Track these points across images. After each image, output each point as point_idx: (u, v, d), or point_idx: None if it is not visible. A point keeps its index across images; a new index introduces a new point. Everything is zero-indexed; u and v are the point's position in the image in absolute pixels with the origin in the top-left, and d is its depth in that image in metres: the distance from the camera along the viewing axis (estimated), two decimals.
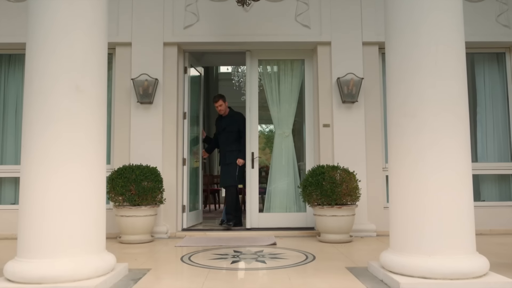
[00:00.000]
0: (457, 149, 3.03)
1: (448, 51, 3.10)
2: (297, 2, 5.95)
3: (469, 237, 3.00)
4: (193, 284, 3.14)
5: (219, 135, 6.41)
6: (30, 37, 3.11)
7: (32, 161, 2.93)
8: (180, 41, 5.89)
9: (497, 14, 6.01)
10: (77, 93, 3.01)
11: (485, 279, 2.88)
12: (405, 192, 3.09)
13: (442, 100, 3.04)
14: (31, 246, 2.86)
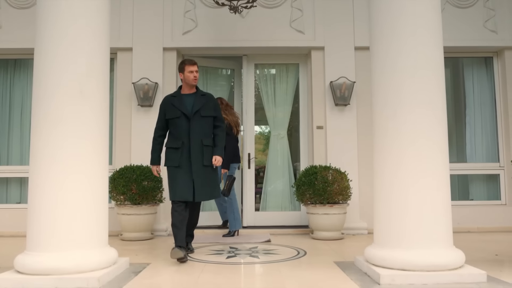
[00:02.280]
0: (435, 151, 3.25)
1: (428, 63, 3.34)
2: (292, 8, 6.18)
3: (446, 232, 3.22)
4: (189, 276, 3.37)
5: (180, 120, 4.11)
6: (38, 45, 3.34)
7: (41, 162, 3.17)
8: (179, 46, 6.12)
9: (484, 20, 6.23)
10: (81, 98, 3.25)
11: (459, 271, 3.10)
12: (387, 191, 3.32)
13: (421, 104, 3.27)
14: (40, 241, 3.09)
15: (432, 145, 3.25)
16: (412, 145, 3.23)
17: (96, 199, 3.28)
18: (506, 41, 6.22)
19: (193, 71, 4.20)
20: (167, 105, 4.23)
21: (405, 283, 2.99)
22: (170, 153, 4.12)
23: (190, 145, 4.06)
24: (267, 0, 6.11)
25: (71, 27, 3.27)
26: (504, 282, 3.05)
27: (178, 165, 4.03)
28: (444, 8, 6.23)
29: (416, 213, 3.18)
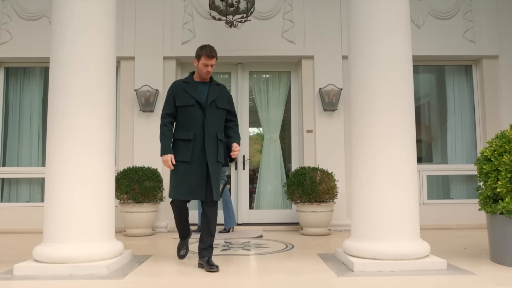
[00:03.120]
0: (404, 156, 3.68)
1: (398, 74, 3.76)
2: (284, 20, 6.62)
3: (412, 226, 3.65)
4: (186, 266, 3.81)
5: (193, 109, 3.68)
6: (53, 61, 3.76)
7: (56, 166, 3.60)
8: (178, 55, 6.56)
9: (464, 31, 6.67)
10: (91, 108, 3.68)
11: (423, 260, 3.53)
12: (364, 191, 3.74)
13: (392, 115, 3.69)
14: (56, 234, 3.52)
15: (401, 150, 3.68)
16: (385, 152, 3.65)
17: (104, 198, 3.71)
18: (484, 50, 6.66)
19: (209, 65, 3.72)
20: (178, 90, 3.75)
21: (375, 270, 3.42)
22: (179, 146, 3.67)
23: (205, 138, 3.63)
24: (260, 12, 6.54)
25: (83, 44, 3.69)
26: (461, 269, 3.48)
27: (190, 161, 3.61)
28: (426, 20, 6.70)
29: (387, 210, 3.60)
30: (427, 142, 7.37)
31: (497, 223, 3.70)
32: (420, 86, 7.37)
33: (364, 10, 3.85)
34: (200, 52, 3.76)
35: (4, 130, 6.75)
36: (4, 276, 3.41)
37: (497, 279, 3.19)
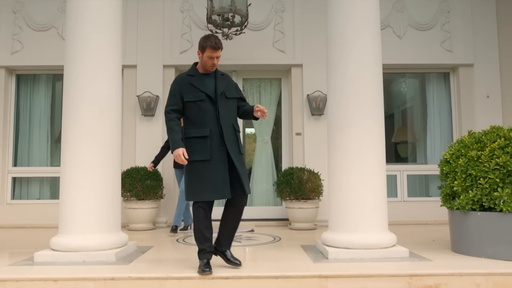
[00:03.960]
0: (374, 158, 4.20)
1: (370, 84, 4.28)
2: (275, 31, 7.15)
3: (381, 220, 4.17)
4: (183, 254, 4.35)
5: (205, 104, 3.49)
6: (67, 76, 4.28)
7: (71, 168, 4.13)
8: (177, 63, 7.09)
9: (441, 41, 7.21)
10: (101, 117, 4.20)
11: (390, 249, 4.06)
12: (339, 190, 4.26)
13: (364, 121, 4.21)
14: (71, 226, 4.05)
15: (372, 153, 4.19)
16: (358, 154, 4.17)
17: (112, 195, 4.24)
18: (460, 59, 7.20)
19: (214, 57, 3.50)
20: (184, 84, 3.52)
21: (347, 258, 3.96)
22: (195, 144, 3.43)
23: (223, 132, 3.44)
24: (253, 24, 7.06)
25: (93, 58, 4.21)
26: (421, 257, 4.02)
27: (210, 158, 3.39)
28: (407, 31, 7.23)
29: (359, 206, 4.11)
30: (412, 144, 7.91)
31: (455, 217, 4.24)
32: (407, 91, 7.92)
33: (338, 27, 4.38)
34: (204, 43, 3.50)
35: (16, 132, 7.27)
36: (26, 262, 3.95)
37: (449, 264, 3.73)
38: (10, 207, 6.99)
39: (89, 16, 4.28)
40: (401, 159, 7.87)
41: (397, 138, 7.97)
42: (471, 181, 4.04)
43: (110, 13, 4.34)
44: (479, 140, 4.12)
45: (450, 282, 3.42)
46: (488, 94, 7.10)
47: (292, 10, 7.18)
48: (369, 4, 4.36)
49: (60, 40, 7.04)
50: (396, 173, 7.24)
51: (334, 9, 4.43)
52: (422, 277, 3.45)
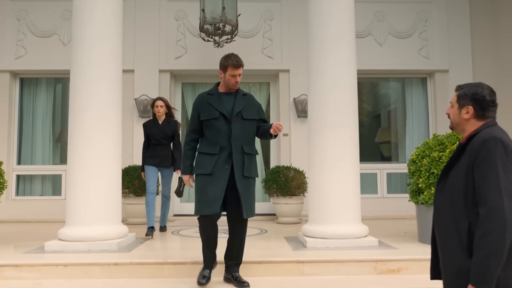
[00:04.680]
0: (348, 159, 4.71)
1: (345, 92, 4.79)
2: (263, 38, 7.63)
3: (354, 213, 4.68)
4: (178, 244, 4.85)
5: (218, 122, 3.52)
6: (73, 84, 4.74)
7: (77, 164, 4.60)
8: (172, 68, 7.56)
9: (419, 48, 7.73)
10: (104, 120, 4.68)
11: (361, 239, 4.58)
12: (317, 187, 4.77)
13: (339, 126, 4.72)
14: (77, 219, 4.53)
15: (346, 154, 4.70)
16: (334, 154, 4.68)
17: (114, 191, 4.72)
18: (436, 65, 7.72)
19: (236, 75, 3.55)
20: (202, 104, 3.57)
21: (323, 246, 4.46)
22: (202, 159, 3.52)
23: (232, 152, 3.45)
24: (243, 31, 7.54)
25: (97, 74, 4.68)
26: (389, 245, 4.54)
27: (211, 173, 3.43)
28: (387, 39, 7.74)
29: (334, 201, 4.63)
30: (395, 143, 8.43)
31: (420, 211, 4.76)
32: (390, 94, 8.45)
33: (317, 39, 4.88)
34: (225, 62, 3.57)
35: (19, 132, 7.71)
36: (37, 251, 4.42)
37: (411, 251, 4.25)
38: (14, 203, 7.43)
39: (94, 26, 4.73)
40: (384, 158, 8.39)
41: (380, 138, 8.49)
42: (433, 178, 4.57)
43: (112, 26, 4.81)
44: (441, 142, 4.65)
45: (410, 266, 3.94)
46: None
47: (280, 19, 7.67)
48: (344, 26, 4.85)
49: (62, 46, 7.49)
50: (377, 171, 7.76)
51: (314, 36, 4.99)
52: (387, 262, 3.98)
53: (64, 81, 8.09)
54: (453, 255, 1.89)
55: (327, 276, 3.88)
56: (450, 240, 1.91)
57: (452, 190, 1.91)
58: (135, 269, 3.91)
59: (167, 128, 5.68)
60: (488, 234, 1.75)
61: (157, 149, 5.62)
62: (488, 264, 1.75)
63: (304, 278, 3.85)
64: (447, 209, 1.93)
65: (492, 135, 1.87)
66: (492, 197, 1.76)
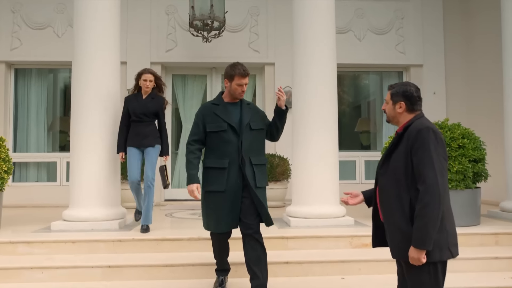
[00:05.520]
0: (328, 149, 5.19)
1: (326, 87, 5.27)
2: (250, 33, 8.05)
3: (334, 196, 5.18)
4: (173, 224, 5.29)
5: (227, 134, 3.36)
6: (76, 79, 5.10)
7: (79, 151, 4.97)
8: (163, 61, 7.93)
9: (396, 44, 8.25)
10: (105, 112, 5.05)
11: (339, 219, 5.09)
12: (300, 173, 5.25)
13: (320, 118, 5.20)
14: (80, 201, 4.92)
15: (326, 143, 5.19)
16: (315, 144, 5.17)
17: (114, 177, 5.12)
18: (411, 60, 8.26)
19: (243, 84, 3.45)
20: (208, 114, 3.42)
21: (304, 225, 4.97)
22: (212, 174, 3.35)
23: (242, 165, 3.31)
24: (231, 26, 7.93)
25: (99, 67, 5.04)
26: (363, 224, 5.07)
27: (224, 190, 3.29)
28: (366, 34, 8.24)
29: (316, 185, 5.11)
30: (373, 133, 8.98)
31: None
32: (369, 86, 8.98)
33: (300, 44, 5.34)
34: (232, 72, 3.45)
35: (15, 121, 8.00)
36: (45, 230, 4.83)
37: None
38: (11, 189, 7.68)
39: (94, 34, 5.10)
40: (364, 146, 8.93)
41: (360, 128, 9.02)
42: None
43: (111, 27, 5.17)
44: None
45: None
46: (435, 91, 8.20)
47: (266, 15, 8.08)
48: (326, 31, 5.33)
49: (56, 38, 7.78)
50: (355, 159, 8.31)
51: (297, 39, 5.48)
52: (361, 237, 4.51)
53: (58, 72, 8.42)
54: (398, 225, 2.37)
55: (309, 250, 4.39)
56: (395, 213, 2.38)
57: (395, 171, 2.38)
58: (137, 245, 4.36)
59: (150, 104, 4.87)
60: (427, 205, 2.25)
61: (139, 127, 4.83)
62: (427, 229, 2.25)
63: (288, 252, 4.35)
64: (391, 187, 2.40)
65: (425, 125, 2.36)
66: (429, 176, 2.25)
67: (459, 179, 4.89)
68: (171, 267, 3.98)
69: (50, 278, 3.86)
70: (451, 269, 3.06)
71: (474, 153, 4.94)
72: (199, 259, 4.09)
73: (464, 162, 4.86)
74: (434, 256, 2.29)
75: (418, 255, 2.26)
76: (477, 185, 5.22)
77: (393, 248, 2.44)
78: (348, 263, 4.08)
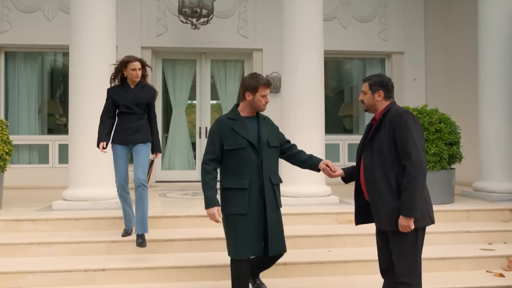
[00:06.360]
0: (315, 133, 5.52)
1: (314, 73, 5.57)
2: (239, 19, 8.25)
3: (320, 176, 5.37)
4: (169, 203, 5.58)
5: (246, 153, 3.13)
6: (74, 65, 5.28)
7: (78, 134, 5.19)
8: (153, 45, 8.09)
9: (379, 32, 8.57)
10: (102, 97, 5.24)
11: (325, 197, 5.47)
12: None
13: (308, 103, 5.51)
14: (80, 181, 5.15)
15: (313, 128, 5.52)
16: (303, 128, 5.48)
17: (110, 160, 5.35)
18: (393, 47, 8.60)
19: (267, 95, 3.21)
20: (225, 130, 3.15)
21: (294, 203, 5.29)
22: (232, 196, 3.10)
23: (262, 185, 3.12)
24: (220, 12, 8.11)
25: (94, 56, 5.23)
26: (347, 202, 5.45)
27: (246, 213, 3.09)
28: (350, 22, 8.53)
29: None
30: (356, 117, 9.34)
31: None
32: (353, 71, 9.31)
33: (289, 42, 5.62)
34: (256, 83, 3.17)
35: (6, 104, 8.09)
36: (47, 209, 5.06)
37: None
38: None
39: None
40: (347, 130, 9.30)
41: (343, 112, 9.37)
42: None
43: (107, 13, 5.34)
44: None
45: None
46: (415, 78, 8.58)
47: (254, 1, 8.28)
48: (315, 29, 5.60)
49: (46, 22, 7.85)
50: (339, 142, 8.68)
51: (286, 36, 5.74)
52: (345, 214, 4.88)
53: (47, 55, 8.49)
54: (386, 199, 2.71)
55: (298, 226, 4.73)
56: (382, 189, 2.72)
57: (380, 152, 2.73)
58: None
59: (142, 94, 4.25)
60: (414, 178, 2.60)
61: (129, 120, 4.20)
62: (415, 199, 2.61)
63: None
64: (377, 166, 2.74)
65: (403, 110, 2.74)
66: (413, 153, 2.60)
67: (436, 161, 5.30)
68: (170, 241, 4.28)
69: (58, 252, 4.12)
70: (428, 242, 3.46)
71: (450, 137, 5.34)
72: (196, 234, 4.40)
73: (441, 145, 5.26)
74: (418, 223, 2.67)
75: (408, 222, 2.62)
76: (452, 167, 5.65)
77: (383, 221, 2.75)
78: (334, 237, 4.45)
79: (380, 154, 2.74)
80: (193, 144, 8.63)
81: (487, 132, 6.04)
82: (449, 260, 4.10)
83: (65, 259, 4.01)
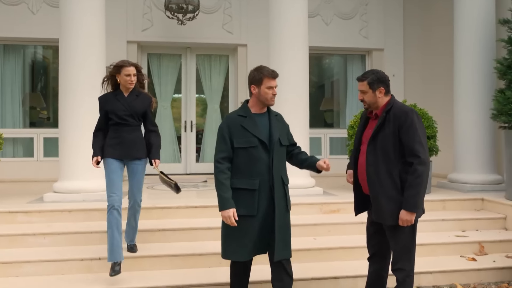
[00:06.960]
0: (301, 124, 5.75)
1: (299, 80, 5.77)
2: (224, 14, 8.39)
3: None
4: (158, 195, 5.73)
5: (257, 151, 3.03)
6: (64, 57, 5.35)
7: (69, 127, 5.28)
8: (139, 40, 8.15)
9: (360, 29, 8.83)
10: (92, 90, 5.35)
11: (309, 189, 5.71)
12: None
13: (294, 98, 5.72)
14: (71, 173, 5.25)
15: (300, 124, 5.74)
16: (289, 123, 5.68)
17: None
18: (373, 44, 8.89)
19: (273, 86, 3.06)
20: (235, 127, 3.02)
21: None
22: (241, 197, 2.97)
23: (272, 186, 3.00)
24: (206, 7, 8.22)
25: (85, 49, 5.31)
26: (331, 193, 5.71)
27: (255, 214, 2.97)
28: (332, 19, 8.76)
29: None
30: (337, 111, 9.61)
31: None
32: (334, 67, 9.56)
33: (276, 44, 5.81)
34: (259, 75, 3.06)
35: None
36: (37, 201, 5.15)
37: (347, 197, 5.41)
38: None
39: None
40: (328, 124, 9.56)
41: (324, 106, 9.63)
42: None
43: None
44: None
45: (346, 207, 5.11)
46: (394, 74, 8.88)
47: None
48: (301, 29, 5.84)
49: (30, 15, 7.82)
50: (321, 136, 8.93)
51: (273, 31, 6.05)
52: (329, 204, 5.13)
53: (29, 48, 8.45)
54: (390, 195, 2.82)
55: None
56: (386, 185, 2.81)
57: (384, 149, 2.83)
58: None
59: (136, 103, 3.95)
60: (420, 175, 2.74)
61: (122, 132, 3.92)
62: (420, 195, 2.78)
63: None
64: (380, 163, 2.83)
65: (408, 108, 2.82)
66: (420, 151, 2.75)
67: None
68: (163, 231, 4.44)
69: (53, 243, 4.24)
70: None
71: (427, 131, 5.64)
72: (187, 224, 4.58)
73: None
74: (418, 216, 2.84)
75: (410, 217, 2.79)
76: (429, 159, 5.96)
77: (386, 217, 2.86)
78: (319, 226, 4.69)
79: (384, 151, 2.81)
80: (178, 137, 8.75)
81: (462, 126, 6.37)
82: (426, 246, 4.39)
83: (61, 249, 4.14)
